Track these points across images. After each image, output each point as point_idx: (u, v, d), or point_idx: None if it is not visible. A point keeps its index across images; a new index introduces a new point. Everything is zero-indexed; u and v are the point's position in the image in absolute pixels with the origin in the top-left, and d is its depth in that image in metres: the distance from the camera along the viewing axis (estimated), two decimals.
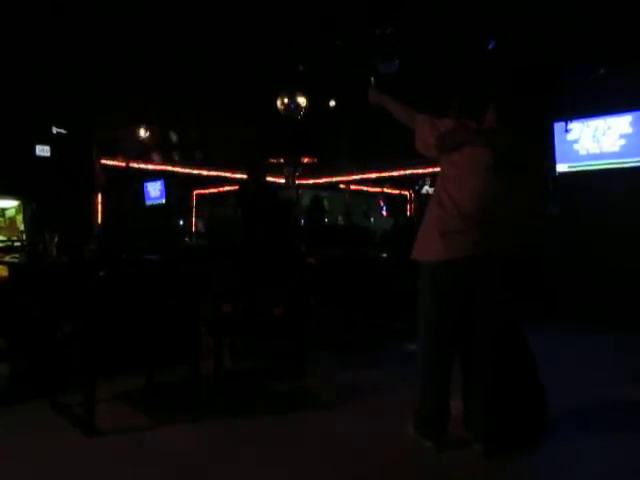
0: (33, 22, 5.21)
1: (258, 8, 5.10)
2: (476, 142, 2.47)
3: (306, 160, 8.39)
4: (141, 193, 9.70)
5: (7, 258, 3.55)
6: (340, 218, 8.32)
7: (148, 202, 9.72)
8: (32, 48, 5.61)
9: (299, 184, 9.01)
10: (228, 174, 9.72)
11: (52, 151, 6.05)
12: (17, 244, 4.74)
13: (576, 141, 6.19)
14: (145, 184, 9.71)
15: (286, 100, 6.51)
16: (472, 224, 2.43)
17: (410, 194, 10.40)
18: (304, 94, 6.48)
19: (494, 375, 2.53)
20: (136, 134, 8.17)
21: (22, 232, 4.87)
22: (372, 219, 10.42)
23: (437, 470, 2.45)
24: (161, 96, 6.95)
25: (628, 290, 5.68)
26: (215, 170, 9.70)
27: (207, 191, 11.05)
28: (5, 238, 4.78)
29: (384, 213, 10.68)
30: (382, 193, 10.91)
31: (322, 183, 9.99)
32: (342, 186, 10.42)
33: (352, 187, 10.53)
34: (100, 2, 4.94)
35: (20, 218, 4.90)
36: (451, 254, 2.44)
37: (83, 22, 5.25)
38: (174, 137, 8.41)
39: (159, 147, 8.72)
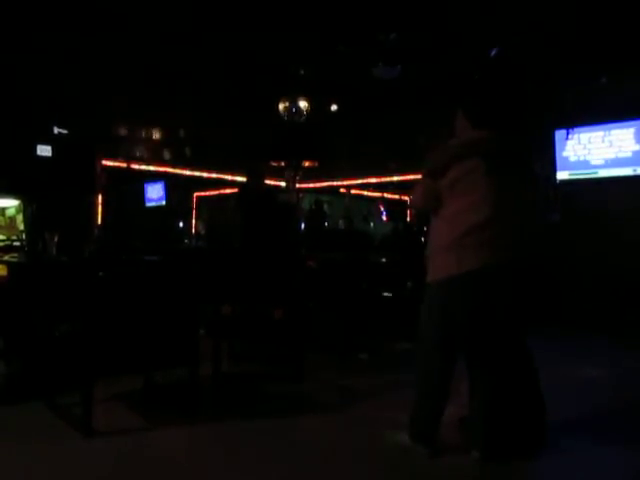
0: (35, 22, 5.21)
1: (261, 12, 5.12)
2: (461, 155, 2.49)
3: (307, 164, 8.38)
4: (141, 194, 9.70)
5: (6, 257, 3.54)
6: (341, 222, 8.32)
7: (148, 204, 9.72)
8: (34, 48, 5.61)
9: (299, 188, 9.00)
10: (228, 176, 9.73)
11: (53, 151, 6.06)
12: (16, 243, 4.73)
13: (578, 149, 6.20)
14: (145, 186, 9.72)
15: (288, 104, 6.53)
16: (480, 236, 2.42)
17: (410, 199, 10.41)
18: (306, 98, 6.50)
19: (496, 383, 2.53)
20: (137, 134, 8.17)
21: (22, 232, 4.86)
22: (372, 224, 10.42)
23: (433, 476, 2.45)
24: (163, 97, 6.96)
25: (630, 298, 5.67)
26: (215, 172, 9.71)
27: (207, 193, 11.07)
28: (5, 237, 4.77)
29: (384, 218, 10.68)
30: (382, 198, 10.92)
31: (323, 187, 9.99)
32: (342, 190, 10.42)
33: (352, 191, 10.54)
34: (102, 2, 4.94)
35: (20, 217, 4.89)
36: (463, 267, 2.42)
37: (86, 22, 5.26)
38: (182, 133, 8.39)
39: (160, 146, 8.71)
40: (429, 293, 2.58)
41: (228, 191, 10.02)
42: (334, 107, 7.31)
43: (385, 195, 10.87)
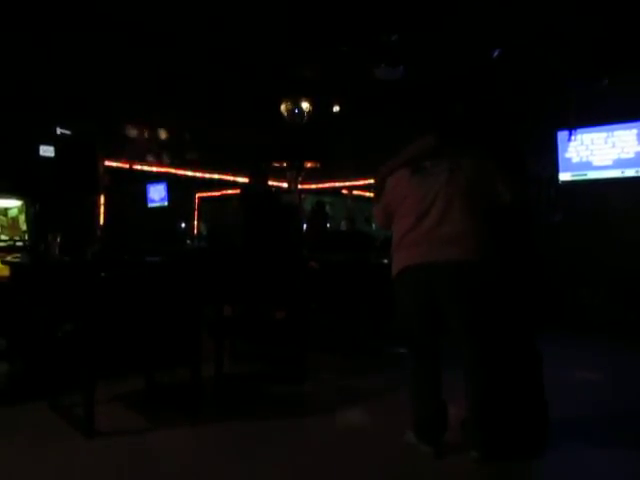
0: (38, 21, 5.22)
1: (263, 12, 5.12)
2: (392, 168, 2.72)
3: (309, 165, 8.39)
4: (143, 195, 9.71)
5: (9, 258, 3.55)
6: (343, 223, 8.32)
7: (150, 204, 9.73)
8: (37, 48, 5.62)
9: (301, 189, 9.00)
10: (230, 177, 9.74)
11: (56, 152, 6.07)
12: (19, 244, 4.76)
13: (580, 150, 6.19)
14: (147, 186, 9.73)
15: (290, 105, 6.53)
16: (413, 234, 2.56)
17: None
18: (308, 99, 6.50)
19: (485, 383, 2.53)
20: (139, 135, 8.17)
21: (24, 232, 4.89)
22: (374, 225, 10.41)
23: (436, 475, 2.45)
24: (165, 99, 6.97)
25: (631, 299, 5.66)
26: (218, 173, 9.72)
27: (209, 194, 11.07)
28: (7, 238, 4.79)
29: None
30: None
31: (325, 188, 9.99)
32: (344, 191, 10.41)
33: (354, 192, 10.53)
34: (104, 3, 4.95)
35: (23, 218, 4.91)
36: (404, 264, 2.58)
37: (90, 23, 5.27)
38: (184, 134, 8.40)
39: (162, 147, 8.72)
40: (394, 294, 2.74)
41: (230, 192, 10.03)
42: (336, 108, 7.30)
43: None
